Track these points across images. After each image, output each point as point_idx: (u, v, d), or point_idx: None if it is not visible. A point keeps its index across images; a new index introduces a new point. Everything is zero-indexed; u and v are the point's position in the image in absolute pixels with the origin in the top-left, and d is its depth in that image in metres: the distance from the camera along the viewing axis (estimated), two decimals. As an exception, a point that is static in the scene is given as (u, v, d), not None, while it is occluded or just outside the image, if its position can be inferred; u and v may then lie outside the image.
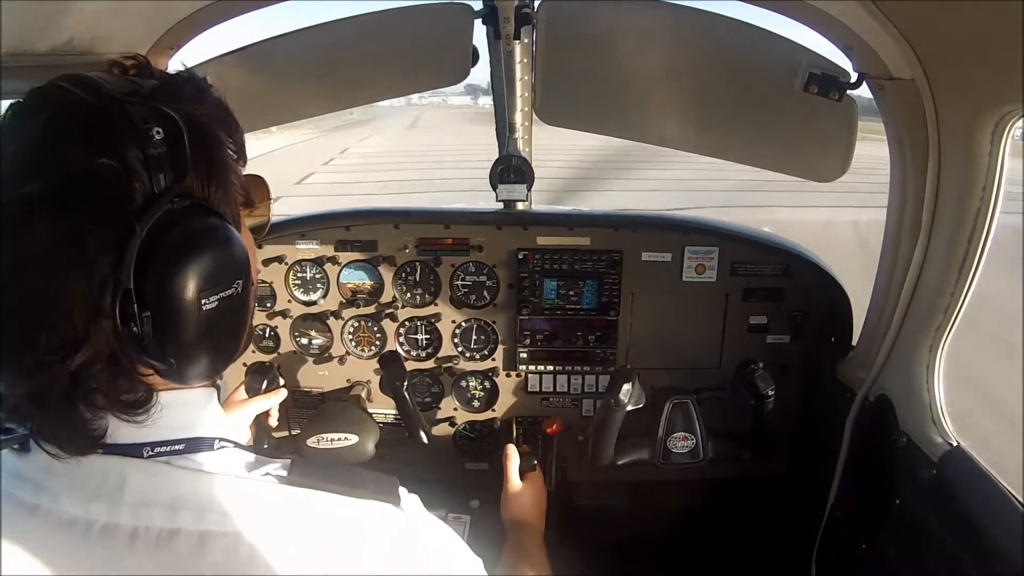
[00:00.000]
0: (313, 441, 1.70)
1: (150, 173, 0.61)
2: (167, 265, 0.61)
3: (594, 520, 2.23)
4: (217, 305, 0.64)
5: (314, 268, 1.90)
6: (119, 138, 0.61)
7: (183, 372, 0.65)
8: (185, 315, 0.62)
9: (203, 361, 0.66)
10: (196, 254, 0.63)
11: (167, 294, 0.61)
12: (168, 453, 0.67)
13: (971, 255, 1.26)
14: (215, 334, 0.66)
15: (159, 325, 0.61)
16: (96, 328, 0.60)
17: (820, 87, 1.42)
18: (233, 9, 1.42)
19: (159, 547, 0.63)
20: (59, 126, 0.62)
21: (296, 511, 0.67)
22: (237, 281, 0.67)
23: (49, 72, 0.66)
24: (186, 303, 0.62)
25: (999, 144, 1.15)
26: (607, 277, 1.88)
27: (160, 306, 0.60)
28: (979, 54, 1.07)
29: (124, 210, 0.60)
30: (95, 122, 0.62)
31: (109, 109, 0.62)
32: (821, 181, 1.64)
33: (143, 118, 0.62)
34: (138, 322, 0.60)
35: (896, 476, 1.44)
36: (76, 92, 0.62)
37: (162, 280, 0.61)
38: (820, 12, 1.25)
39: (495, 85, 1.86)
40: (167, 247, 0.61)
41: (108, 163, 0.60)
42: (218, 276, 0.64)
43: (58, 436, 0.63)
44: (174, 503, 0.65)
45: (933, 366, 1.40)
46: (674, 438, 1.82)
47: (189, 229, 0.63)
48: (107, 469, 0.65)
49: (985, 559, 1.16)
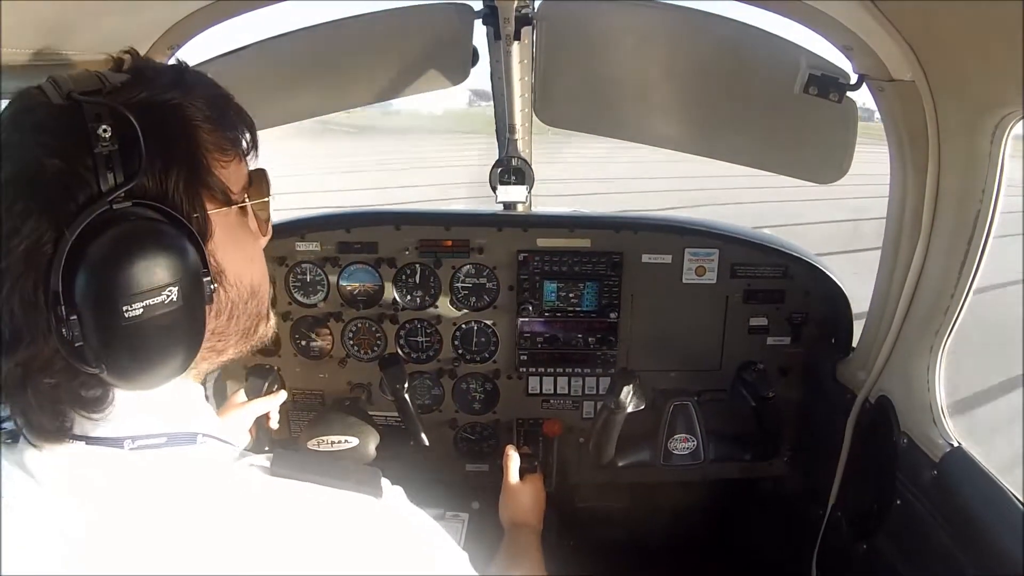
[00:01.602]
0: (313, 444, 1.69)
1: (96, 173, 0.61)
2: (88, 269, 0.60)
3: (595, 521, 2.23)
4: (142, 312, 0.62)
5: (314, 270, 1.90)
6: (66, 137, 0.61)
7: (119, 377, 0.64)
8: (107, 321, 0.61)
9: (140, 367, 0.64)
10: (116, 259, 0.61)
11: (88, 299, 0.60)
12: (149, 447, 0.67)
13: (971, 256, 1.26)
14: (148, 342, 0.63)
15: (85, 329, 0.60)
16: (34, 326, 0.61)
17: (820, 88, 1.42)
18: (233, 9, 1.41)
19: (140, 537, 0.63)
20: (16, 124, 0.63)
21: (277, 501, 0.67)
22: (170, 288, 0.63)
23: (49, 71, 0.66)
24: (107, 309, 0.61)
25: (999, 145, 1.15)
26: (607, 279, 1.88)
27: (84, 310, 0.60)
28: (979, 55, 1.07)
29: (62, 210, 0.60)
30: (45, 121, 0.62)
31: (62, 108, 0.62)
32: (821, 183, 1.65)
33: (96, 115, 0.61)
34: (66, 324, 0.60)
35: (897, 477, 1.44)
36: (39, 91, 0.63)
37: (84, 284, 0.60)
38: (820, 13, 1.25)
39: (495, 86, 1.85)
40: (92, 251, 0.60)
41: (53, 162, 0.60)
42: (141, 282, 0.62)
43: (29, 426, 0.64)
44: (154, 493, 0.65)
45: (933, 367, 1.40)
46: (675, 440, 1.81)
47: (117, 232, 0.61)
48: (89, 460, 0.65)
49: (986, 559, 1.16)
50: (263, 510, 0.66)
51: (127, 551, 0.63)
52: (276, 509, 0.66)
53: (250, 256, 0.78)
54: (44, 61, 1.07)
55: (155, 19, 1.33)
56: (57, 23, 1.06)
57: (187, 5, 1.33)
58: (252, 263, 0.78)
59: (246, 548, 0.63)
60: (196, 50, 1.46)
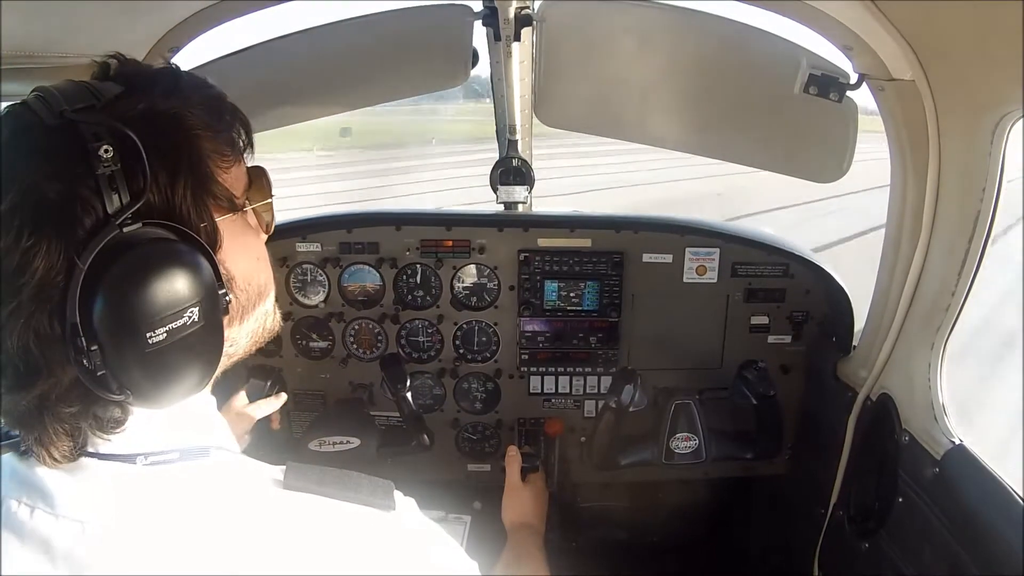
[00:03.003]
0: (315, 444, 1.69)
1: (101, 195, 0.58)
2: (107, 299, 0.58)
3: (597, 521, 2.23)
4: (166, 337, 0.61)
5: (315, 271, 1.90)
6: (66, 161, 0.58)
7: (144, 400, 0.63)
8: (131, 349, 0.59)
9: (164, 389, 0.63)
10: (135, 286, 0.59)
11: (110, 329, 0.58)
12: (163, 462, 0.66)
13: (971, 255, 1.26)
14: (172, 364, 0.62)
15: (108, 359, 0.59)
16: (53, 359, 0.59)
17: (820, 88, 1.43)
18: (232, 11, 1.42)
19: (151, 552, 0.63)
20: (15, 146, 0.59)
21: (291, 516, 0.67)
22: (191, 309, 0.62)
23: (49, 73, 0.65)
24: (130, 338, 0.59)
25: (999, 145, 1.15)
26: (608, 279, 1.88)
27: (106, 340, 0.58)
28: (979, 55, 1.08)
29: (71, 238, 0.58)
30: (43, 144, 0.59)
31: (59, 129, 0.59)
32: (821, 182, 1.65)
33: (94, 134, 0.59)
34: (87, 356, 0.58)
35: (898, 474, 1.44)
36: (31, 110, 0.60)
37: (103, 314, 0.58)
38: (820, 13, 1.26)
39: (495, 86, 1.86)
40: (108, 280, 0.58)
41: (56, 187, 0.58)
42: (164, 308, 0.60)
43: (42, 446, 0.63)
44: (166, 509, 0.64)
45: (935, 365, 1.40)
46: (676, 438, 1.82)
47: (132, 258, 0.59)
48: (102, 476, 0.65)
49: (988, 557, 1.17)
50: (276, 524, 0.66)
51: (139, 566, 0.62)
52: (289, 523, 0.66)
53: (256, 255, 0.77)
54: (45, 63, 1.07)
55: (155, 21, 1.33)
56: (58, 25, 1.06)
57: (187, 7, 1.33)
58: (259, 262, 0.77)
59: (258, 563, 0.63)
60: (196, 52, 1.46)
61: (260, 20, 1.64)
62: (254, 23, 1.60)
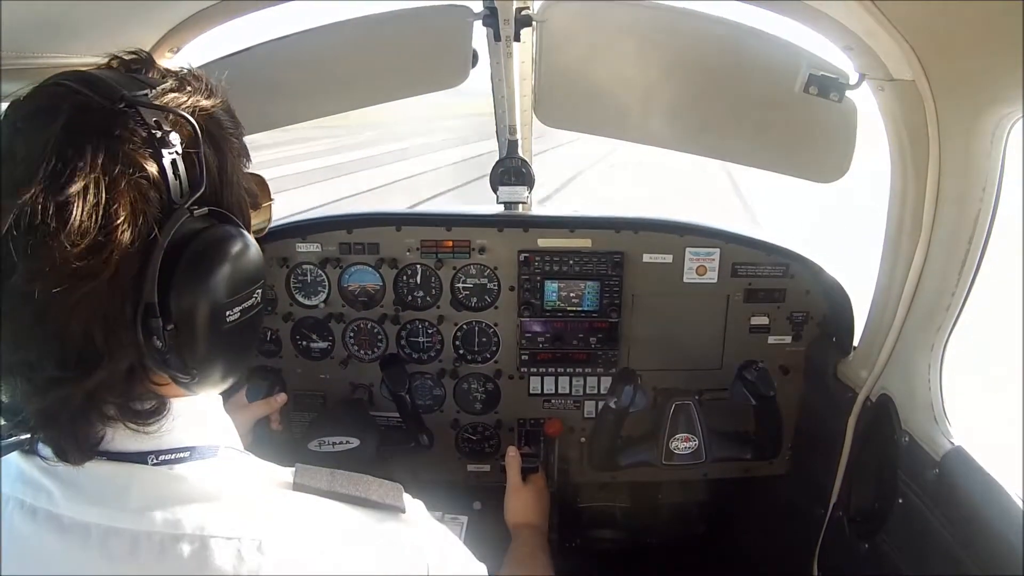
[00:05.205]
0: (315, 445, 1.69)
1: (167, 180, 0.60)
2: (190, 278, 0.60)
3: (597, 521, 2.23)
4: (239, 316, 0.64)
5: (315, 271, 1.90)
6: (135, 145, 0.59)
7: (203, 382, 0.64)
8: (210, 328, 0.61)
9: (222, 370, 0.66)
10: (218, 266, 0.61)
11: (191, 308, 0.60)
12: (173, 461, 0.66)
13: (971, 255, 1.26)
14: (236, 343, 0.65)
15: (183, 338, 0.59)
16: (116, 343, 0.59)
17: (820, 88, 1.43)
18: (233, 11, 1.42)
19: (162, 553, 0.62)
20: (75, 131, 0.57)
21: (301, 518, 0.67)
22: (257, 291, 0.66)
23: (49, 73, 0.65)
24: (212, 316, 0.61)
25: (999, 145, 1.15)
26: (608, 279, 1.88)
27: (184, 319, 0.59)
28: (979, 55, 1.08)
29: (145, 221, 0.58)
30: (110, 127, 0.59)
31: (123, 113, 0.60)
32: (822, 182, 1.65)
33: (156, 121, 0.61)
34: (161, 336, 0.58)
35: (898, 475, 1.44)
36: (86, 94, 0.60)
37: (186, 294, 0.59)
38: (820, 13, 1.26)
39: (495, 87, 1.86)
40: (189, 259, 0.59)
41: (126, 171, 0.58)
42: (240, 287, 0.63)
43: (62, 446, 0.62)
44: (178, 509, 0.64)
45: (935, 365, 1.40)
46: (676, 439, 1.82)
47: (209, 239, 0.62)
48: (111, 475, 0.64)
49: (987, 558, 1.17)
50: (290, 525, 0.66)
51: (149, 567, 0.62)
52: (299, 524, 0.66)
53: None
54: (45, 62, 1.07)
55: (156, 21, 1.33)
56: (58, 24, 1.06)
57: (188, 7, 1.33)
58: None
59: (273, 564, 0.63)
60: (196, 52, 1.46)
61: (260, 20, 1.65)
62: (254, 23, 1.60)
